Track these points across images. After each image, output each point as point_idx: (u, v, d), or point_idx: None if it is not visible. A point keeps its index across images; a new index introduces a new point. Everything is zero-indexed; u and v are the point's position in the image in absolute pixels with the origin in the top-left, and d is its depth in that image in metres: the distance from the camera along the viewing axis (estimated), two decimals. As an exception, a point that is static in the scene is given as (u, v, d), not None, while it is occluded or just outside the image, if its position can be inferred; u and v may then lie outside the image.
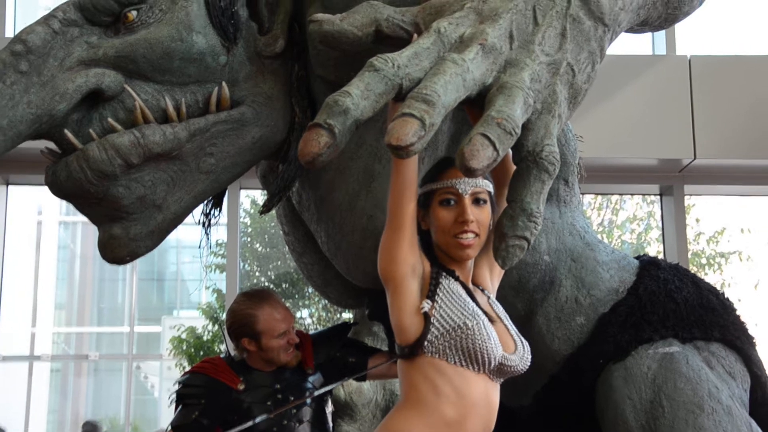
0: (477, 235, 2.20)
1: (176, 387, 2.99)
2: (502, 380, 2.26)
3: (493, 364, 2.17)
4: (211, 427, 2.90)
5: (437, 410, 2.15)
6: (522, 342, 2.27)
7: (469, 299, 2.21)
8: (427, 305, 2.16)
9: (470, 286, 2.28)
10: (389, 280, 2.21)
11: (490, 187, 2.27)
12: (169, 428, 2.92)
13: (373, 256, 2.27)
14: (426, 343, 2.15)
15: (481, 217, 2.21)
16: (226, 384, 2.93)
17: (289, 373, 2.97)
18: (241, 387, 2.93)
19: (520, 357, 2.24)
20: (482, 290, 2.34)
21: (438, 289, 2.19)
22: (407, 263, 2.19)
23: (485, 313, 2.21)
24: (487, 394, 2.21)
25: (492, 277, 2.41)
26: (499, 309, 2.31)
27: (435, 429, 2.14)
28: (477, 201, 2.22)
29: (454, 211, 2.20)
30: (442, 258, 2.26)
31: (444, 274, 2.23)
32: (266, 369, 2.96)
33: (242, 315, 2.91)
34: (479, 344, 2.13)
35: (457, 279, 2.24)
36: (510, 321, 2.31)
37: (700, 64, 7.58)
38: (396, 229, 2.17)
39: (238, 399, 2.91)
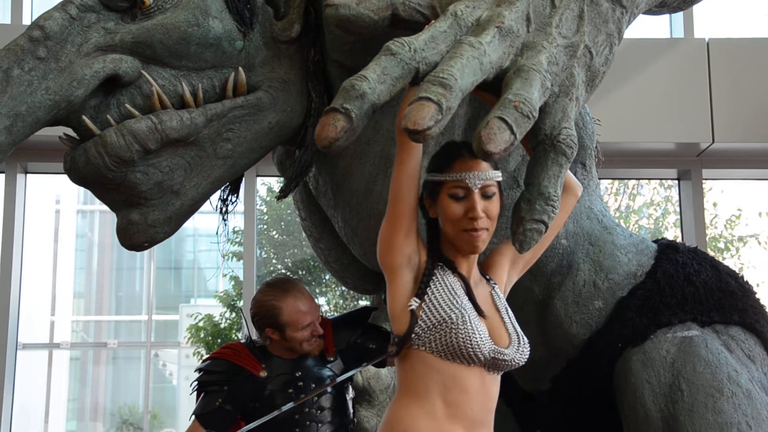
0: (486, 229, 2.19)
1: (198, 374, 3.00)
2: (501, 373, 2.24)
3: (482, 358, 2.15)
4: (235, 414, 2.91)
5: (428, 401, 2.16)
6: (519, 335, 2.24)
7: (461, 292, 2.19)
8: (414, 303, 2.16)
9: (472, 276, 2.26)
10: (386, 269, 2.23)
11: (500, 176, 2.24)
12: (193, 417, 2.93)
13: None
14: (414, 336, 2.15)
15: (490, 209, 2.18)
16: (249, 370, 2.93)
17: (309, 361, 2.97)
18: (264, 374, 2.93)
19: (515, 351, 2.20)
20: (488, 279, 2.32)
21: (431, 282, 2.19)
22: (403, 253, 2.19)
23: (477, 306, 2.19)
24: (484, 386, 2.19)
25: (513, 269, 2.40)
26: (500, 301, 2.29)
27: (431, 416, 2.15)
28: (486, 195, 2.18)
29: (464, 205, 2.17)
30: (446, 248, 2.25)
31: (441, 265, 2.22)
32: (287, 356, 2.96)
33: (267, 306, 2.91)
34: (462, 338, 2.12)
35: (454, 271, 2.23)
36: (511, 314, 2.28)
37: (719, 47, 7.52)
38: (394, 218, 2.18)
39: (260, 386, 2.91)
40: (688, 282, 3.08)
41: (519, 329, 2.26)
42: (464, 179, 2.16)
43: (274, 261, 11.37)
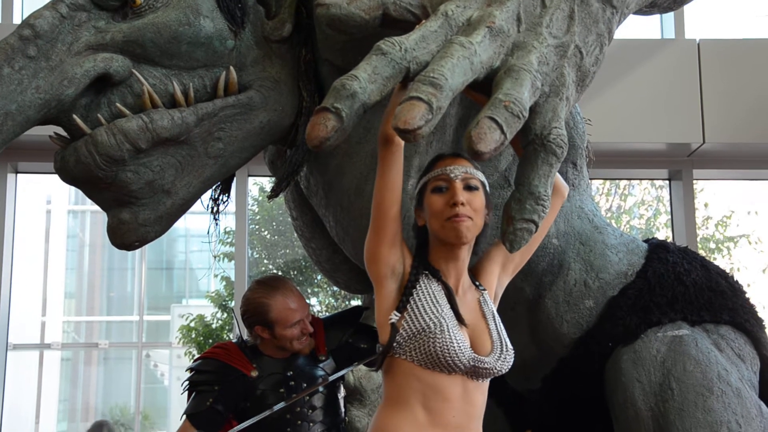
0: (470, 218, 2.20)
1: (189, 373, 3.00)
2: (485, 380, 2.25)
3: (461, 367, 2.16)
4: (225, 414, 2.91)
5: (410, 409, 2.17)
6: (503, 343, 2.24)
7: (444, 301, 2.20)
8: (395, 317, 2.18)
9: (461, 282, 2.27)
10: (372, 279, 2.25)
11: (482, 176, 2.28)
12: (184, 417, 2.93)
13: None
14: (395, 345, 2.17)
15: (473, 201, 2.21)
16: (240, 370, 2.93)
17: (301, 360, 2.97)
18: (255, 374, 2.93)
19: (497, 359, 2.21)
20: (478, 285, 2.33)
21: (414, 291, 2.20)
22: (387, 264, 2.21)
23: (458, 314, 2.20)
24: (466, 394, 2.20)
25: (504, 272, 2.41)
26: (488, 307, 2.29)
27: (413, 424, 2.16)
28: (468, 187, 2.22)
29: (446, 196, 2.21)
30: (433, 255, 2.26)
31: (426, 273, 2.24)
32: (278, 355, 2.96)
33: (256, 303, 2.91)
34: (440, 347, 2.13)
35: (439, 279, 2.24)
36: (498, 320, 2.29)
37: (709, 47, 7.54)
38: (377, 230, 2.20)
39: (251, 385, 2.91)
40: (679, 281, 3.10)
41: (505, 337, 2.27)
42: (445, 171, 2.23)
43: (265, 261, 11.37)
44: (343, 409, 3.17)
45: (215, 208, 3.00)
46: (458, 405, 2.18)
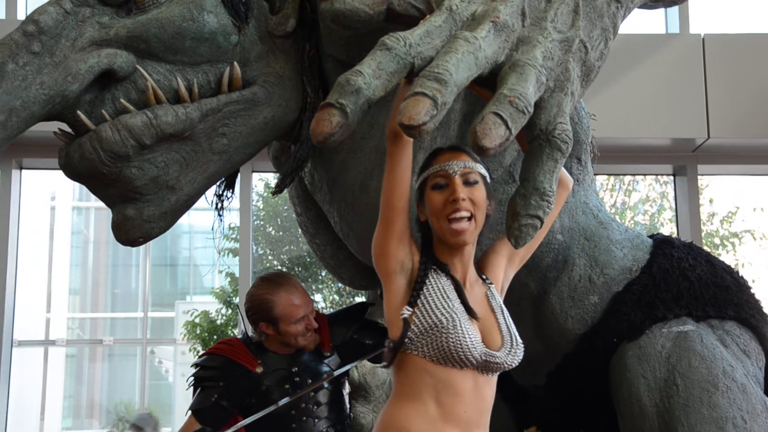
0: (471, 216, 2.19)
1: (194, 369, 3.00)
2: (495, 374, 2.24)
3: (473, 362, 2.16)
4: (230, 409, 2.91)
5: (421, 403, 2.16)
6: (512, 337, 2.23)
7: (454, 296, 2.20)
8: (407, 312, 2.17)
9: (468, 276, 2.26)
10: (380, 274, 2.24)
11: (482, 168, 2.26)
12: (189, 413, 2.93)
13: None
14: (406, 341, 2.16)
15: (474, 196, 2.20)
16: (245, 366, 2.93)
17: (306, 356, 2.97)
18: (259, 370, 2.93)
19: (507, 353, 2.21)
20: (485, 279, 2.32)
21: (423, 287, 2.19)
22: (396, 259, 2.20)
23: (469, 309, 2.20)
24: (477, 388, 2.20)
25: (510, 265, 2.40)
26: (496, 302, 2.29)
27: (425, 417, 2.16)
28: (468, 181, 2.21)
29: (446, 193, 2.20)
30: (438, 250, 2.26)
31: (434, 268, 2.23)
32: (283, 351, 2.96)
33: (260, 300, 2.91)
34: (453, 343, 2.12)
35: (447, 273, 2.23)
36: (506, 314, 2.28)
37: (714, 42, 7.51)
38: (386, 225, 2.19)
39: (256, 381, 2.92)
40: (684, 277, 3.09)
41: (514, 330, 2.26)
42: (443, 167, 2.21)
43: (270, 257, 11.36)
44: (348, 405, 3.17)
45: (219, 204, 3.00)
46: (469, 399, 2.18)
